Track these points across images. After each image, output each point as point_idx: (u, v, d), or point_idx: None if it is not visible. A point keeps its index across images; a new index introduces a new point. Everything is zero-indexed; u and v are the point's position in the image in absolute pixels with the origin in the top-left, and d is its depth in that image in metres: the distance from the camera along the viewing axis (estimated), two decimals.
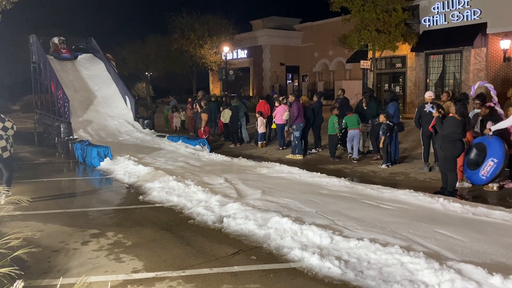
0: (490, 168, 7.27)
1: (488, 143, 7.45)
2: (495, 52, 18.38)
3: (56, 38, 18.41)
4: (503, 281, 3.56)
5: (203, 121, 12.89)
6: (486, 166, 7.32)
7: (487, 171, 7.31)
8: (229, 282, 4.06)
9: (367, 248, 4.44)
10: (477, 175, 7.48)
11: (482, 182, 7.46)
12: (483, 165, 7.39)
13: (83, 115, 15.81)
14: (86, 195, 8.19)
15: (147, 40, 37.29)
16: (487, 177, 7.31)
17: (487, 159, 7.32)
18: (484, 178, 7.36)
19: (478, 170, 7.47)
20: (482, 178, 7.39)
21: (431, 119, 8.06)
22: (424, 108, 8.77)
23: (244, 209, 6.06)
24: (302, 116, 11.32)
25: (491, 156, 7.27)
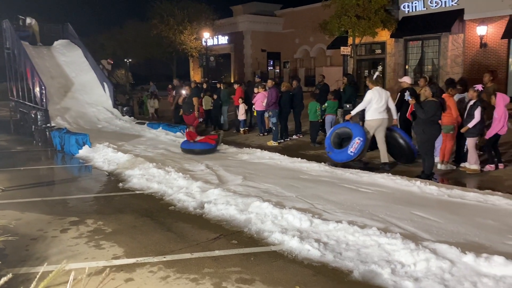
0: (357, 145, 8.12)
1: (352, 126, 8.49)
2: (472, 38, 18.68)
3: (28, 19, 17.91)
4: (475, 259, 3.69)
5: (195, 106, 12.85)
6: (354, 144, 8.14)
7: (355, 148, 8.14)
8: (210, 266, 4.09)
9: (345, 230, 4.52)
10: (345, 153, 8.27)
11: (349, 158, 8.27)
12: (351, 143, 8.17)
13: (60, 103, 15.49)
14: (64, 183, 8.08)
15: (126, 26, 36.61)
16: (354, 153, 8.18)
17: (354, 138, 8.15)
18: (351, 154, 8.20)
19: (346, 148, 8.25)
20: (350, 154, 8.22)
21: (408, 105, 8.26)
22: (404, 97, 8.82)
23: (225, 194, 6.08)
24: (277, 103, 11.34)
25: (357, 135, 8.15)
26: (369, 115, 8.31)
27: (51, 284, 3.59)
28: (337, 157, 8.44)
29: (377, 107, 8.17)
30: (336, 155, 8.46)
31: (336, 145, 8.60)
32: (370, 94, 8.23)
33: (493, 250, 4.00)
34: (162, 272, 4.00)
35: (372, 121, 8.27)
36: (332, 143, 8.64)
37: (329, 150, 8.67)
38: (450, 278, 3.53)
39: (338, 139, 8.66)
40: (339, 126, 8.90)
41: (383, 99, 8.22)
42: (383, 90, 8.36)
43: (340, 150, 8.42)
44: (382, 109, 8.22)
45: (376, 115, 8.21)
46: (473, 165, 7.69)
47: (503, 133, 7.79)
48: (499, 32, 17.53)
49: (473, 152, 7.66)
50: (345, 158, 8.28)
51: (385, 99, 8.26)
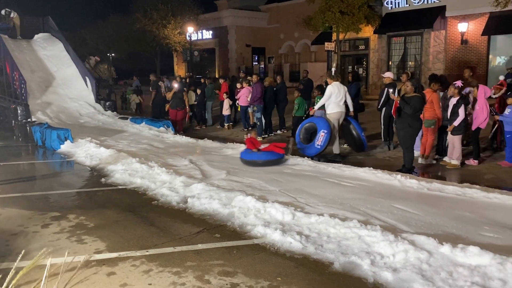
0: (322, 138, 8.46)
1: (316, 120, 8.82)
2: (453, 35, 18.96)
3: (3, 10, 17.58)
4: (452, 250, 3.79)
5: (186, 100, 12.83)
6: (319, 137, 8.48)
7: (321, 141, 8.47)
8: (193, 260, 4.11)
9: (327, 223, 4.59)
10: (313, 146, 8.59)
11: (318, 151, 8.55)
12: (317, 136, 8.52)
13: (41, 97, 15.26)
14: (46, 179, 7.98)
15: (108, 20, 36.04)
16: (321, 146, 8.50)
17: (319, 131, 8.50)
18: (319, 147, 8.52)
19: (313, 142, 8.58)
20: (317, 148, 8.53)
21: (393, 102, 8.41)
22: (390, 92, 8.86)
23: (208, 189, 6.09)
24: (262, 98, 11.38)
25: (322, 128, 8.49)
26: (330, 109, 8.71)
27: (32, 279, 3.57)
28: (308, 151, 8.74)
29: (336, 100, 8.61)
30: (306, 150, 8.80)
31: (306, 140, 8.96)
32: (330, 89, 8.62)
33: (469, 241, 4.11)
34: (145, 266, 4.01)
35: (334, 114, 8.69)
36: (302, 139, 9.02)
37: (300, 146, 9.05)
38: (428, 268, 3.62)
39: (307, 134, 9.00)
40: (306, 121, 9.21)
41: (341, 93, 8.64)
42: (341, 85, 8.76)
43: (308, 145, 8.77)
44: (341, 102, 8.69)
45: (336, 108, 8.67)
46: (454, 160, 7.84)
47: (484, 127, 7.96)
48: (479, 29, 17.84)
49: (459, 149, 7.80)
50: (314, 151, 8.61)
51: (343, 93, 8.68)
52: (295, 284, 3.60)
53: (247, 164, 7.96)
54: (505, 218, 4.86)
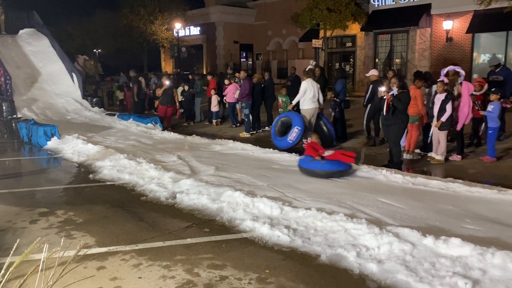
0: (295, 134, 8.86)
1: (293, 115, 9.09)
2: (438, 33, 19.23)
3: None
4: (435, 242, 3.91)
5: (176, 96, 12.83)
6: (292, 132, 8.86)
7: (293, 136, 8.88)
8: (182, 254, 4.16)
9: (314, 216, 4.68)
10: (285, 140, 8.99)
11: (289, 145, 8.93)
12: (290, 131, 8.89)
13: (27, 93, 15.10)
14: (33, 175, 7.94)
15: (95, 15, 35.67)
16: (293, 141, 8.92)
17: (293, 127, 8.86)
18: (291, 142, 8.93)
19: (286, 137, 8.98)
20: (289, 142, 8.93)
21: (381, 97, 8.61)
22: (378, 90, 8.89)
23: (197, 184, 6.14)
24: (250, 94, 11.45)
25: (296, 125, 8.85)
26: (305, 105, 9.08)
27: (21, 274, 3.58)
28: (279, 144, 9.12)
29: (311, 96, 9.00)
30: (279, 142, 9.17)
31: (280, 133, 9.30)
32: (305, 85, 9.02)
33: (451, 233, 4.24)
34: (134, 260, 4.05)
35: (308, 110, 9.08)
36: (277, 131, 9.36)
37: (273, 138, 9.42)
38: (411, 259, 3.73)
39: (282, 127, 9.33)
40: (283, 115, 9.57)
41: (315, 89, 9.04)
42: (314, 82, 9.15)
43: (281, 138, 9.13)
44: (315, 98, 9.07)
45: (310, 104, 9.05)
46: (439, 155, 8.00)
47: (467, 122, 8.13)
48: (464, 27, 18.12)
49: (444, 144, 7.95)
50: (285, 145, 8.97)
51: (316, 89, 9.10)
52: (283, 276, 3.68)
53: (307, 174, 6.81)
54: (486, 211, 5.01)
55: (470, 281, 3.30)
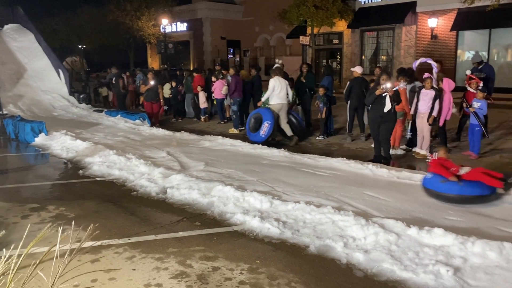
0: (266, 129, 9.56)
1: (263, 112, 9.77)
2: (423, 30, 19.54)
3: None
4: (418, 232, 4.07)
5: (161, 93, 12.83)
6: (263, 127, 9.55)
7: (264, 131, 9.55)
8: (174, 246, 4.26)
9: (303, 209, 4.81)
10: (258, 135, 9.64)
11: (262, 139, 9.52)
12: (261, 126, 9.57)
13: (12, 90, 14.96)
14: (22, 171, 7.93)
15: (80, 11, 35.24)
16: (265, 135, 9.58)
17: (264, 122, 9.56)
18: (263, 136, 9.58)
19: (258, 132, 9.63)
20: (262, 136, 9.59)
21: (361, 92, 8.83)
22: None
23: (187, 180, 6.22)
24: (240, 90, 11.54)
25: (266, 120, 9.55)
26: (273, 101, 9.68)
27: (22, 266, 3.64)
28: (254, 139, 9.71)
29: (278, 93, 9.60)
30: (253, 137, 9.77)
31: (255, 129, 9.90)
32: (273, 82, 9.62)
33: (434, 224, 4.40)
34: (128, 253, 4.13)
35: (276, 105, 9.68)
36: (251, 128, 9.97)
37: (248, 134, 10.06)
38: (396, 249, 3.88)
39: (255, 123, 9.93)
40: (254, 112, 10.20)
41: (283, 86, 9.64)
42: (282, 79, 9.73)
43: (255, 134, 9.77)
44: (282, 94, 9.65)
45: (278, 100, 9.65)
46: (424, 150, 8.20)
47: (449, 118, 8.34)
48: (448, 25, 18.45)
49: (428, 140, 8.15)
50: (259, 139, 9.56)
51: (284, 86, 9.70)
52: (273, 266, 3.81)
53: (436, 198, 5.33)
54: None
55: (451, 269, 3.46)
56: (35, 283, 3.34)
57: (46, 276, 2.18)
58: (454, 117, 8.89)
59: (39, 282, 3.06)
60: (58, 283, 2.12)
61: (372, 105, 7.56)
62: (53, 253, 2.34)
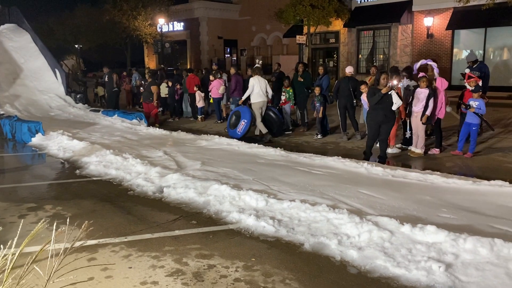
0: (242, 126, 10.25)
1: (242, 109, 10.45)
2: (419, 29, 19.62)
3: None
4: (412, 229, 4.12)
5: (154, 94, 12.85)
6: (240, 125, 10.28)
7: (241, 128, 10.26)
8: (171, 245, 4.30)
9: (298, 208, 4.86)
10: (235, 132, 10.35)
11: (238, 136, 10.09)
12: (239, 124, 10.30)
13: (9, 90, 14.95)
14: (18, 171, 7.95)
15: (76, 10, 35.21)
16: (241, 132, 10.25)
17: (241, 120, 10.27)
18: (239, 133, 10.25)
19: (236, 129, 10.34)
20: (238, 133, 10.22)
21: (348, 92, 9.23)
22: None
23: (184, 179, 6.25)
24: (240, 90, 11.58)
25: (243, 118, 10.28)
26: (253, 99, 10.15)
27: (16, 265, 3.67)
28: (231, 134, 10.39)
29: (258, 91, 10.07)
30: (231, 133, 10.47)
31: (234, 125, 10.54)
32: (253, 81, 10.10)
33: (428, 221, 4.45)
34: (124, 251, 4.17)
35: (256, 103, 10.16)
36: (231, 124, 10.66)
37: (228, 130, 10.79)
38: (389, 246, 3.93)
39: (236, 120, 10.54)
40: (235, 110, 10.85)
41: (262, 85, 10.14)
42: (261, 78, 10.21)
43: (233, 130, 10.46)
44: (262, 92, 10.14)
45: (258, 98, 10.11)
46: (419, 149, 8.26)
47: (442, 117, 8.40)
48: (444, 24, 18.54)
49: (423, 138, 8.21)
50: (236, 136, 10.20)
51: (264, 85, 10.20)
52: (268, 263, 3.85)
53: None
54: (462, 201, 5.25)
55: (443, 265, 3.51)
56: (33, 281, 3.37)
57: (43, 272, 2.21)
58: (448, 116, 8.95)
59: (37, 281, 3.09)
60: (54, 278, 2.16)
61: (375, 105, 7.38)
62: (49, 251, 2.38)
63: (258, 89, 10.05)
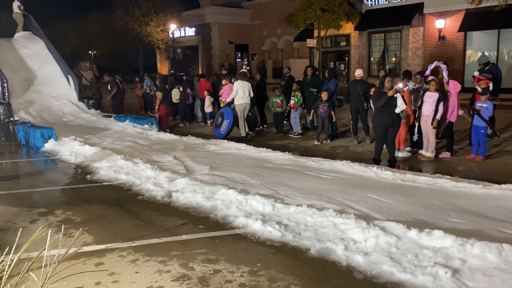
0: (225, 126, 11.15)
1: (225, 111, 11.30)
2: (431, 31, 19.47)
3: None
4: (419, 234, 4.08)
5: (158, 100, 13.01)
6: (223, 125, 11.21)
7: (223, 128, 11.18)
8: (178, 249, 4.33)
9: (304, 212, 4.85)
10: (219, 131, 11.26)
11: (221, 136, 11.03)
12: (222, 124, 11.23)
13: (23, 96, 15.19)
14: (31, 176, 8.08)
15: (90, 17, 35.75)
16: (224, 132, 11.13)
17: (224, 120, 11.21)
18: (223, 132, 11.13)
19: (220, 128, 11.26)
20: (221, 133, 11.16)
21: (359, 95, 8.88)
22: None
23: (192, 183, 6.29)
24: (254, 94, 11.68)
25: (226, 118, 11.18)
26: (237, 101, 10.99)
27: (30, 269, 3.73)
28: (216, 134, 11.33)
29: (242, 94, 10.93)
30: (216, 132, 11.41)
31: (218, 125, 11.41)
32: (237, 85, 10.97)
33: (435, 226, 4.41)
34: (132, 256, 4.21)
35: (240, 105, 11.00)
36: (217, 124, 11.52)
37: (214, 129, 11.72)
38: (396, 251, 3.90)
39: (221, 121, 11.38)
40: (221, 111, 11.69)
41: (246, 88, 10.98)
42: (245, 82, 11.05)
43: (217, 130, 11.40)
44: (245, 95, 10.97)
45: (241, 100, 10.95)
46: (429, 153, 8.18)
47: (454, 120, 8.31)
48: (456, 26, 18.37)
49: (433, 142, 8.14)
50: (220, 135, 11.12)
51: (247, 88, 11.03)
52: (274, 268, 3.85)
53: None
54: (471, 205, 5.19)
55: (450, 270, 3.47)
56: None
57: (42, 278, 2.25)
58: (460, 119, 8.85)
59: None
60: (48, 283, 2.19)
61: (381, 108, 7.39)
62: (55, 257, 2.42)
63: (241, 92, 10.92)
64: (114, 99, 15.88)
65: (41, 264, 2.30)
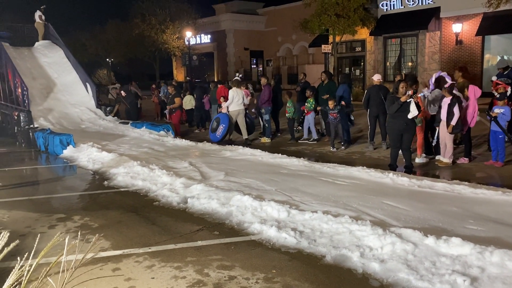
0: (221, 130, 11.73)
1: (221, 116, 11.91)
2: (448, 36, 19.23)
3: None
4: (436, 241, 4.03)
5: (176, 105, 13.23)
6: (219, 129, 11.76)
7: (219, 132, 11.74)
8: (193, 255, 4.35)
9: (320, 219, 4.82)
10: (215, 135, 11.82)
11: (217, 140, 11.63)
12: (218, 129, 11.78)
13: (43, 104, 15.52)
14: (50, 182, 8.23)
15: (107, 25, 36.40)
16: (219, 136, 11.72)
17: (220, 125, 11.76)
18: (218, 136, 11.72)
19: (215, 132, 11.78)
20: (217, 137, 11.73)
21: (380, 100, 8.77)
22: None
23: (207, 189, 6.33)
24: (271, 100, 11.72)
25: (222, 123, 11.75)
26: (231, 107, 11.59)
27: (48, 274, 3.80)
28: (212, 138, 11.89)
29: (236, 101, 11.57)
30: (212, 136, 11.94)
31: (214, 130, 11.91)
32: (232, 92, 11.57)
33: (453, 233, 4.34)
34: (148, 261, 4.25)
35: (234, 111, 11.60)
36: (212, 128, 12.03)
37: (210, 133, 12.16)
38: (413, 258, 3.85)
39: (217, 125, 11.91)
40: (216, 116, 12.30)
41: (240, 95, 11.59)
42: (239, 90, 11.68)
43: (213, 134, 11.89)
44: (239, 102, 11.60)
45: (236, 107, 11.58)
46: (447, 158, 8.07)
47: (473, 125, 8.19)
48: (473, 29, 18.10)
49: (450, 148, 8.03)
50: (215, 139, 11.68)
51: (241, 95, 11.64)
52: (289, 275, 3.84)
53: None
54: (490, 212, 5.09)
55: (468, 279, 3.41)
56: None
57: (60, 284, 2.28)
58: (479, 124, 8.72)
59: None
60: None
61: (395, 113, 7.38)
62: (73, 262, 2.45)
63: (236, 99, 11.52)
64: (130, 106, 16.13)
65: (59, 269, 2.33)
